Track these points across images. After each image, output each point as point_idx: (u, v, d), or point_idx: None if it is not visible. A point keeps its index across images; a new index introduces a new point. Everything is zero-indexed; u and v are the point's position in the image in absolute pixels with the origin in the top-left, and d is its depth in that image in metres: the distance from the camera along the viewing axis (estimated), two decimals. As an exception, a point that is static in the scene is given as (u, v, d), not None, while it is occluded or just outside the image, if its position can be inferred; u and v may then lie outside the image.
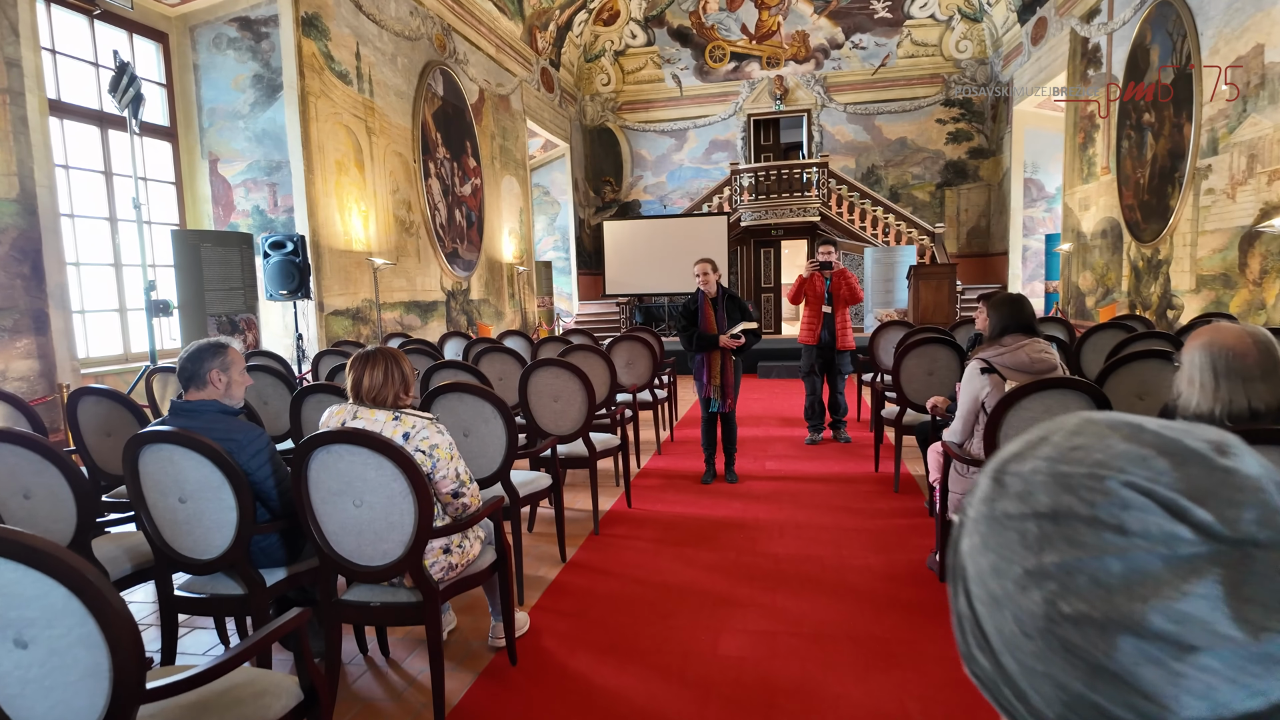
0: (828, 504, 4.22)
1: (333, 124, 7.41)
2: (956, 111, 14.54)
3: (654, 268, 13.55)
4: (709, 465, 4.81)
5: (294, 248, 6.43)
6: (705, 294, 4.52)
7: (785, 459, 5.34)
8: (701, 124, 15.48)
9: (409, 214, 8.76)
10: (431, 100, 9.32)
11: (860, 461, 5.18)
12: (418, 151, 8.94)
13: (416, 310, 8.89)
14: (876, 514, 4.02)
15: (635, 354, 5.52)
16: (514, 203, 12.09)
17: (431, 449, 2.14)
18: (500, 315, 11.42)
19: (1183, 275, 7.77)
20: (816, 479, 4.78)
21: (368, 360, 2.19)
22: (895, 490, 4.41)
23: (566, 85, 14.66)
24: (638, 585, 3.20)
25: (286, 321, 6.98)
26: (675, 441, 6.07)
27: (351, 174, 7.70)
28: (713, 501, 4.35)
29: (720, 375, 4.54)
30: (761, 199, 13.80)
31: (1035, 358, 2.72)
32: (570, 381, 3.75)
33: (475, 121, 10.53)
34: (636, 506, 4.30)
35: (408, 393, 2.23)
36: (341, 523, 2.14)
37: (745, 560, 3.42)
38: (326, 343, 7.17)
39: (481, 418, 2.94)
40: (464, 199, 10.12)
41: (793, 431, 6.25)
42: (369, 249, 7.91)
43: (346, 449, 2.05)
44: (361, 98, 7.89)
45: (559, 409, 3.80)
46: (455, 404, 2.94)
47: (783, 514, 4.07)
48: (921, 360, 4.26)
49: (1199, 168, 7.36)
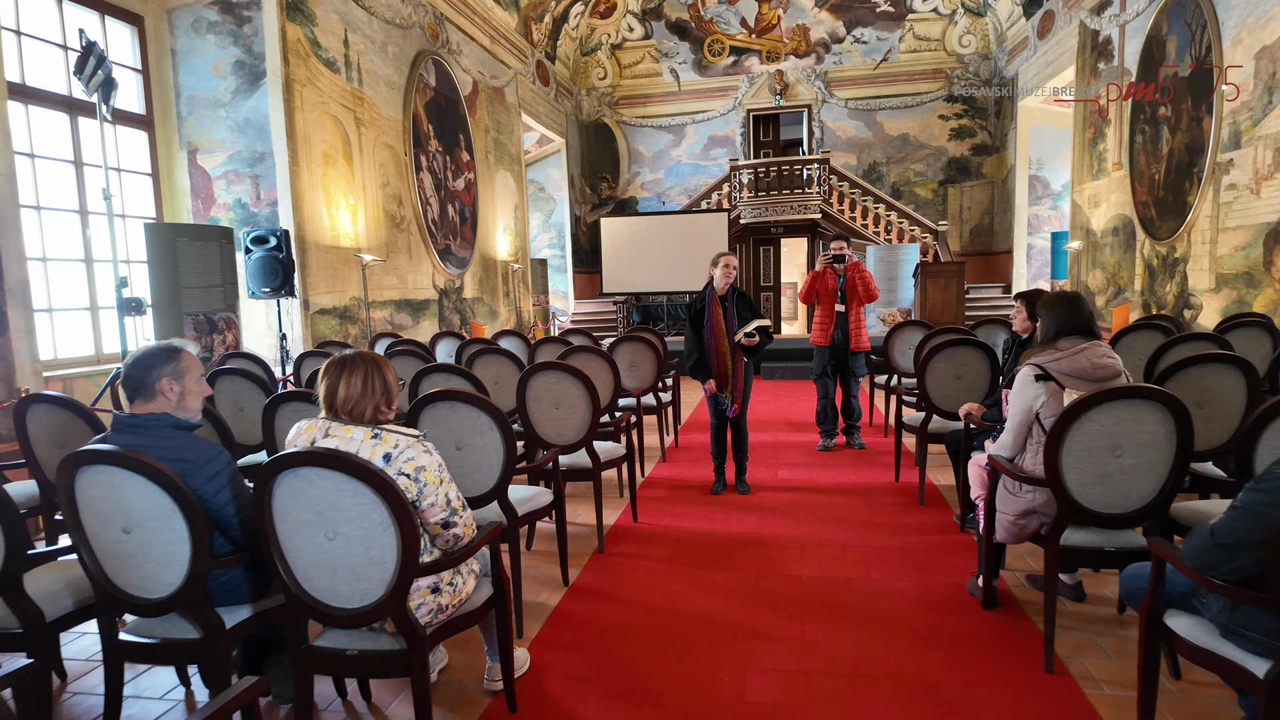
0: (849, 518, 3.92)
1: (319, 114, 7.08)
2: (960, 107, 14.29)
3: (652, 266, 13.23)
4: (719, 475, 4.50)
5: (277, 243, 6.10)
6: (714, 291, 4.21)
7: (798, 467, 5.04)
8: (700, 119, 15.18)
9: (400, 209, 8.43)
10: (423, 91, 8.98)
11: (878, 470, 4.88)
12: (409, 144, 8.61)
13: (407, 309, 8.56)
14: (903, 530, 3.72)
15: (638, 355, 5.21)
16: (509, 198, 11.77)
17: (418, 472, 1.83)
18: (495, 314, 11.09)
19: (1201, 274, 7.51)
20: (834, 490, 4.48)
21: (344, 367, 1.87)
22: (920, 503, 4.11)
23: (562, 79, 14.33)
24: (649, 614, 2.90)
25: (270, 321, 6.65)
26: (680, 448, 5.77)
27: (339, 166, 7.37)
28: (725, 515, 4.04)
29: (730, 377, 4.23)
30: (761, 196, 13.50)
31: (1098, 363, 2.43)
32: (573, 387, 3.44)
33: (469, 114, 10.20)
34: (643, 520, 3.99)
35: (390, 406, 1.91)
36: (313, 559, 1.82)
37: (766, 584, 3.12)
38: (312, 343, 6.83)
39: (476, 429, 2.63)
40: (457, 194, 9.79)
41: (803, 437, 5.95)
42: (357, 245, 7.58)
43: (317, 473, 1.74)
44: (350, 87, 7.55)
45: (560, 417, 3.49)
46: (446, 414, 2.63)
47: (802, 529, 3.76)
48: (949, 364, 3.96)
49: (1220, 162, 7.10)
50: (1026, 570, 3.15)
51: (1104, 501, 2.31)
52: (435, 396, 2.62)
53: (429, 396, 2.62)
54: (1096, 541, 2.38)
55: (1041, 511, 2.49)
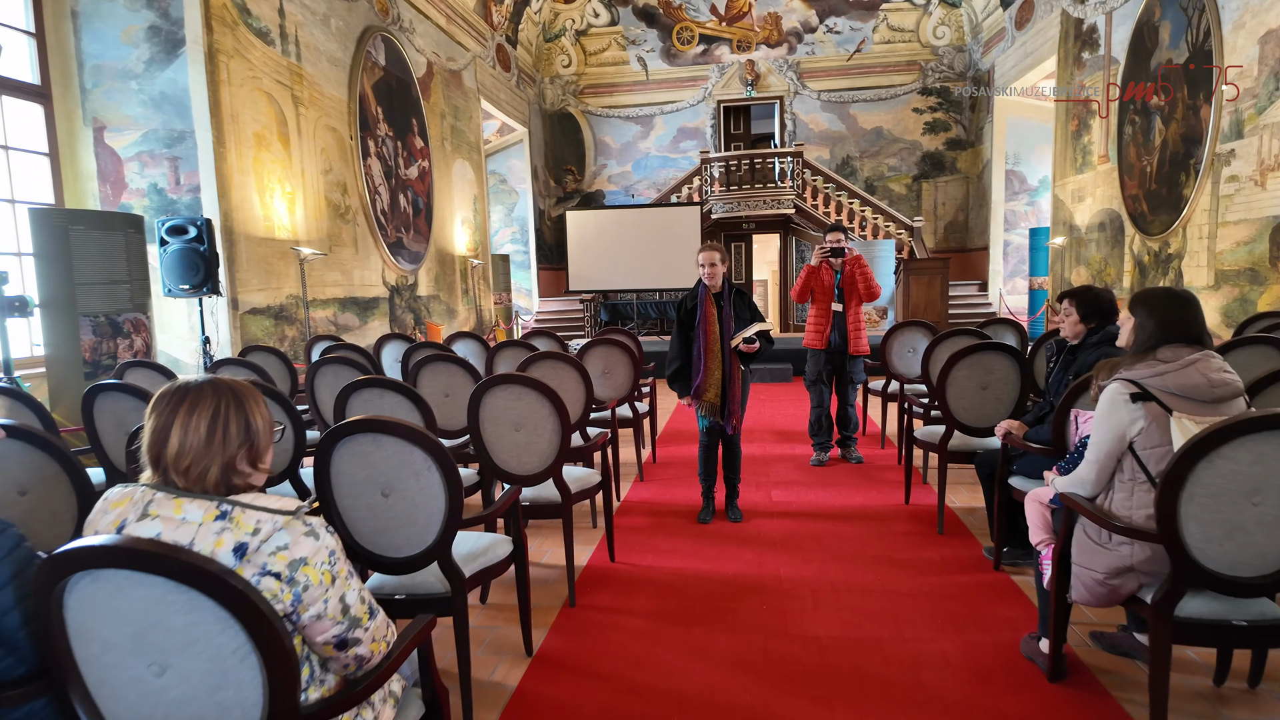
0: (862, 553, 3.36)
1: (250, 90, 6.30)
2: (934, 100, 13.96)
3: (621, 262, 12.60)
4: (707, 499, 3.91)
5: (198, 233, 5.34)
6: (708, 289, 3.63)
7: (793, 486, 4.48)
8: (669, 110, 14.60)
9: (345, 198, 7.66)
10: (372, 70, 8.22)
11: (882, 489, 4.35)
12: (355, 127, 7.84)
13: (354, 308, 7.80)
14: (928, 567, 3.18)
15: (612, 361, 4.59)
16: (467, 189, 11.02)
17: (293, 569, 1.17)
18: (452, 313, 10.36)
19: (1198, 270, 7.17)
20: (838, 515, 3.92)
21: (182, 400, 1.21)
22: (940, 532, 3.58)
23: (524, 65, 13.61)
24: (635, 696, 2.29)
25: (193, 322, 5.87)
26: (659, 463, 5.17)
27: (274, 149, 6.59)
28: (717, 551, 3.45)
29: (723, 388, 3.64)
30: (733, 190, 12.97)
31: (1215, 379, 1.89)
32: (537, 404, 2.81)
33: (423, 98, 9.44)
34: (622, 559, 3.38)
35: (257, 462, 1.26)
36: (133, 704, 1.17)
37: (778, 647, 2.53)
38: (243, 345, 6.07)
39: (409, 469, 1.99)
40: (410, 183, 9.03)
41: (794, 449, 5.40)
42: (295, 237, 6.81)
43: (129, 577, 1.09)
44: (286, 61, 6.77)
45: (522, 441, 2.86)
46: (369, 450, 1.98)
47: (810, 569, 3.19)
48: (974, 372, 3.43)
49: (1220, 153, 6.76)
50: (1088, 624, 2.62)
51: (1234, 562, 1.77)
52: (352, 429, 1.97)
53: (343, 429, 1.97)
54: (1220, 612, 1.84)
55: (1143, 570, 1.94)
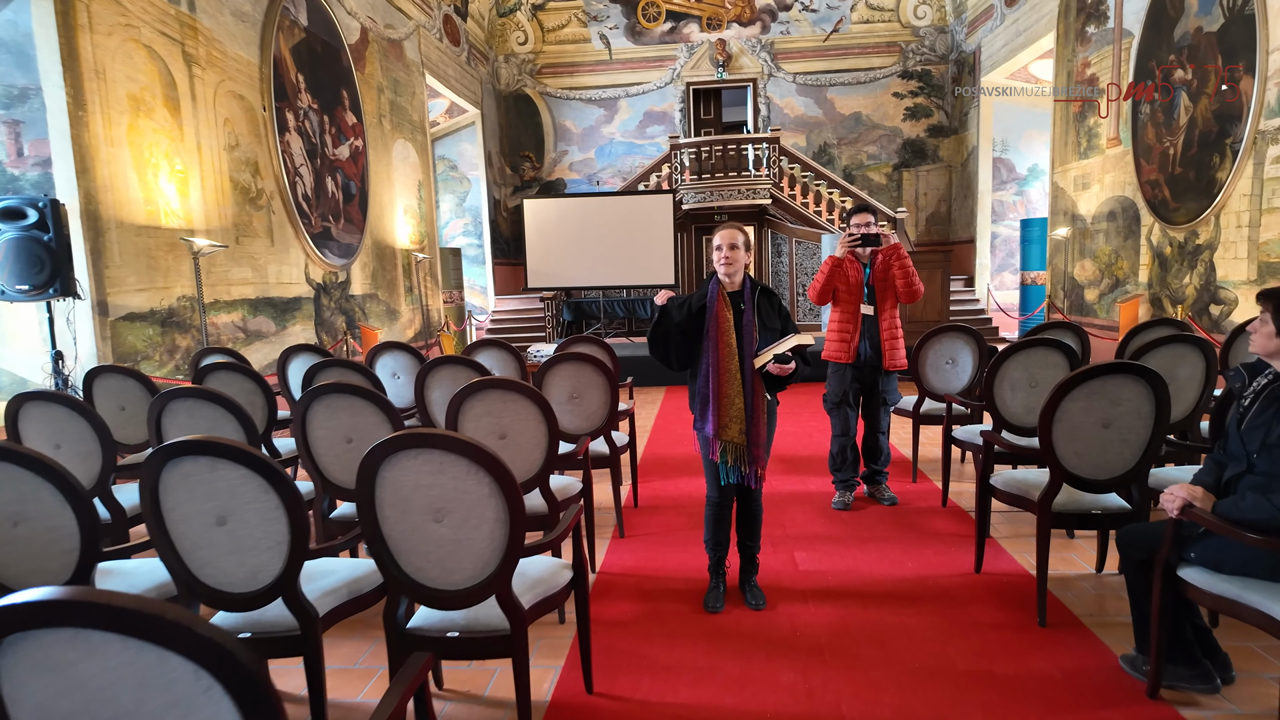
0: (949, 666, 2.36)
1: (122, 41, 5.03)
2: (915, 84, 13.17)
3: (585, 256, 11.46)
4: (715, 577, 2.86)
5: (40, 218, 4.13)
6: (722, 286, 2.58)
7: (820, 543, 3.46)
8: (634, 92, 13.53)
9: (257, 179, 6.41)
10: (290, 30, 6.97)
11: (935, 546, 3.36)
12: (269, 96, 6.59)
13: (269, 310, 6.55)
14: (1050, 693, 2.18)
15: (583, 382, 3.51)
16: (410, 173, 9.79)
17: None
18: (394, 314, 9.13)
19: (1235, 263, 6.40)
20: (893, 593, 2.91)
21: None
22: (1041, 624, 2.59)
23: (476, 41, 12.37)
24: None
25: (44, 332, 4.61)
26: (641, 506, 4.11)
27: (158, 117, 5.34)
28: (742, 667, 2.41)
29: (747, 423, 2.59)
30: (705, 179, 11.94)
31: None
32: (470, 480, 1.73)
33: (355, 68, 8.20)
34: (603, 689, 2.31)
35: None
36: None
37: None
38: (114, 359, 4.83)
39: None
40: (339, 164, 7.79)
41: (808, 484, 4.39)
42: (190, 225, 5.56)
43: None
44: (174, 10, 5.51)
45: (448, 538, 1.78)
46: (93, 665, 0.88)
47: (883, 701, 2.17)
48: (1094, 403, 2.45)
49: (1263, 130, 5.98)
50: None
51: None
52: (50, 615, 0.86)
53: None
54: None
55: None
